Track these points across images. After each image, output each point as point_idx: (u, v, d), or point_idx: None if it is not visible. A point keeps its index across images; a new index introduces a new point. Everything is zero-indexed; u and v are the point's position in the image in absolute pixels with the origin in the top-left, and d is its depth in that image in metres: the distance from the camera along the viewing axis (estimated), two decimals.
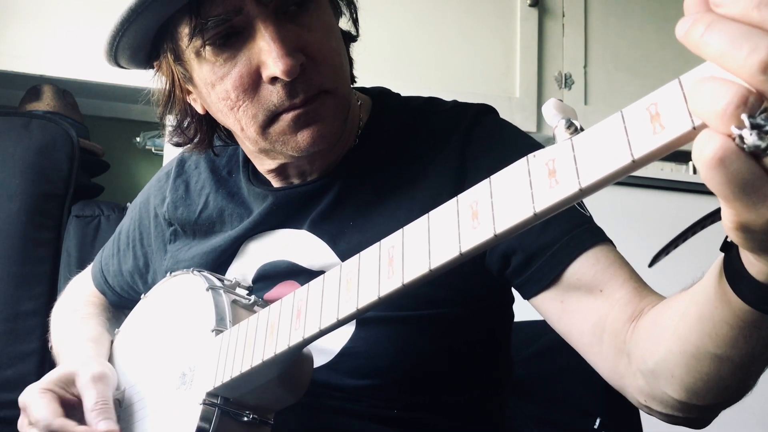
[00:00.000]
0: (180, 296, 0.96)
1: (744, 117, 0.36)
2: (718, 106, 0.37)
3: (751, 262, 0.48)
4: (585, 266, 0.81)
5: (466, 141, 0.93)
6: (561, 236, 0.83)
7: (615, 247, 0.84)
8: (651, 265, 0.54)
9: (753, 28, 0.37)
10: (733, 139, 0.37)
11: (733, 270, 0.51)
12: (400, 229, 0.61)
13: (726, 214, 0.41)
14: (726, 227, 0.42)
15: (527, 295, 0.87)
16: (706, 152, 0.38)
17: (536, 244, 0.84)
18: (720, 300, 0.54)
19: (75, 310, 1.20)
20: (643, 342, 0.72)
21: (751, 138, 0.36)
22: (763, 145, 0.36)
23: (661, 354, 0.67)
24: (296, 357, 0.76)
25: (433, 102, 1.03)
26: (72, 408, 0.88)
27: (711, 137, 0.38)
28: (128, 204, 1.84)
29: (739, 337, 0.56)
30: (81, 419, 0.87)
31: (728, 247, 0.51)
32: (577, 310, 0.81)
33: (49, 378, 0.90)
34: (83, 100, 2.15)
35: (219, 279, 0.94)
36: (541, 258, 0.83)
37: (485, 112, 0.99)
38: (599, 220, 0.87)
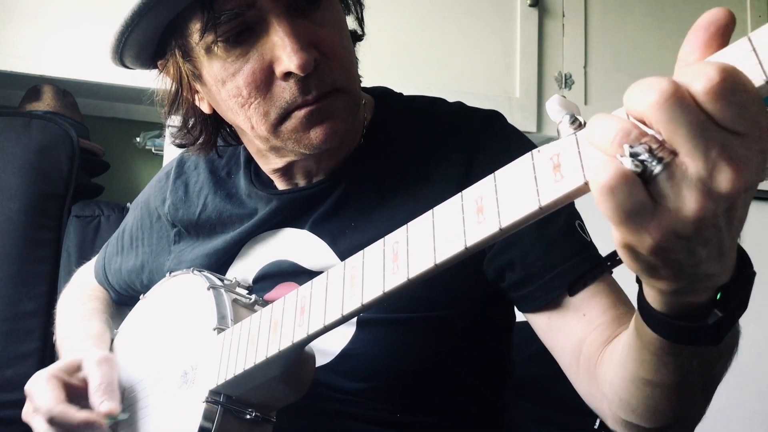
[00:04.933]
0: (181, 296, 0.96)
1: (626, 146, 0.42)
2: (608, 137, 0.43)
3: (646, 290, 0.53)
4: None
5: (475, 148, 0.92)
6: (561, 261, 0.85)
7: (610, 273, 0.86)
8: (572, 294, 0.59)
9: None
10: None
11: (641, 299, 0.55)
12: (405, 225, 0.61)
13: (615, 235, 0.46)
14: (616, 246, 0.47)
15: (522, 310, 0.89)
16: (599, 179, 0.43)
17: (537, 264, 0.85)
18: (640, 328, 0.57)
19: (81, 303, 1.20)
20: (604, 366, 0.75)
21: (628, 163, 0.42)
22: (638, 169, 0.42)
23: (610, 378, 0.71)
24: (299, 354, 0.76)
25: (438, 103, 1.02)
26: (79, 394, 0.89)
27: (604, 166, 0.42)
28: (128, 204, 1.84)
29: (660, 364, 0.59)
30: (87, 405, 0.88)
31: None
32: (560, 330, 0.84)
33: (56, 365, 0.92)
34: (83, 100, 2.14)
35: (219, 278, 0.94)
36: (540, 279, 0.85)
37: (494, 117, 0.98)
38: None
